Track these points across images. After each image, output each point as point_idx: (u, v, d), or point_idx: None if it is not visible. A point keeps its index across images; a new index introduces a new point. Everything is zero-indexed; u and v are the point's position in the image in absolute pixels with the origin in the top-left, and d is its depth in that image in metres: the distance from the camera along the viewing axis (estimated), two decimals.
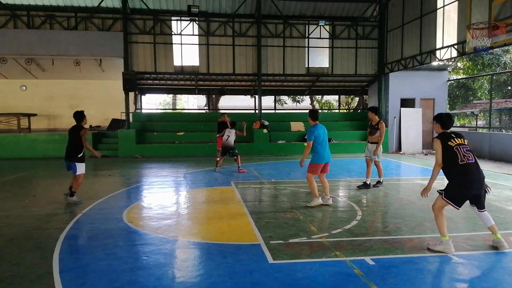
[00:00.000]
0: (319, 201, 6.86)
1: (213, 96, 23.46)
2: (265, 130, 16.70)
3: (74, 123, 7.34)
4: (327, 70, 18.33)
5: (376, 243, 4.85)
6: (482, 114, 20.24)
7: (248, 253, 4.55)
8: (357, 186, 8.58)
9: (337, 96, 23.63)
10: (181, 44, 17.29)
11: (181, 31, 17.09)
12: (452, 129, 4.87)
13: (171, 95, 35.27)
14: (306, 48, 18.03)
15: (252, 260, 4.30)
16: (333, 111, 27.45)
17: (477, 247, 4.72)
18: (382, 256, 4.40)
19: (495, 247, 4.67)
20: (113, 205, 7.10)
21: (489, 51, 15.90)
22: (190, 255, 4.61)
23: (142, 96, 20.62)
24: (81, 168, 7.25)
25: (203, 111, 27.35)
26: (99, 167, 12.05)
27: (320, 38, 18.06)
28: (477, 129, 18.28)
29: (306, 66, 18.13)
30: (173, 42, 17.21)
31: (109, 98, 19.75)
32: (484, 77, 20.49)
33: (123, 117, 18.11)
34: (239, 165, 11.12)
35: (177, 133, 16.91)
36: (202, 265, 4.24)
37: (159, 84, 19.20)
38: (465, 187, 4.48)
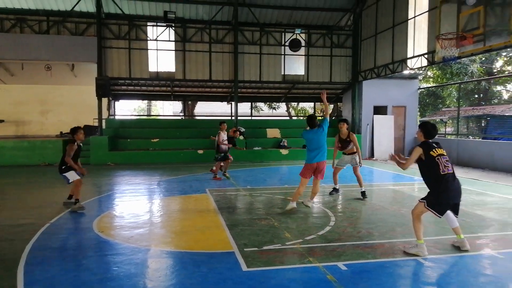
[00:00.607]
0: (293, 205, 6.88)
1: (189, 102, 23.33)
2: (241, 137, 16.69)
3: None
4: (302, 78, 18.57)
5: (349, 249, 4.92)
6: (450, 121, 20.95)
7: (222, 261, 4.51)
8: (329, 193, 8.68)
9: (313, 103, 23.94)
10: (157, 50, 17.13)
11: (157, 36, 16.94)
12: None
13: (146, 101, 34.82)
14: (282, 56, 18.22)
15: (226, 268, 4.27)
16: None
17: (445, 251, 4.85)
18: (354, 261, 4.46)
19: (457, 247, 4.88)
20: (83, 214, 6.90)
21: (457, 60, 16.54)
22: (163, 264, 4.53)
23: (116, 102, 20.24)
24: (71, 175, 7.16)
25: (179, 118, 27.11)
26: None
27: None
28: (446, 136, 18.91)
29: (282, 73, 18.31)
30: (149, 48, 17.03)
31: (81, 104, 19.29)
32: (453, 85, 21.25)
33: (96, 124, 17.71)
34: (216, 172, 11.10)
35: (152, 140, 16.67)
36: (175, 275, 4.18)
37: (134, 90, 18.91)
38: (447, 196, 4.63)
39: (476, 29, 8.95)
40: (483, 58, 22.18)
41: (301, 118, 28.62)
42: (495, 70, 24.11)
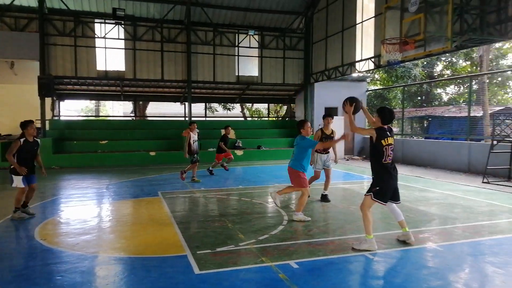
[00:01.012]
0: (304, 216, 6.34)
1: (140, 102, 22.66)
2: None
3: None
4: (256, 79, 18.71)
5: (301, 247, 5.01)
6: (396, 122, 22.09)
7: (174, 265, 4.41)
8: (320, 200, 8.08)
9: (267, 104, 24.20)
10: (105, 48, 16.48)
11: (105, 34, 16.29)
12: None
13: (94, 101, 33.36)
14: (236, 57, 18.24)
15: (178, 272, 4.18)
16: (263, 119, 28.04)
17: (391, 245, 5.09)
18: (306, 259, 4.54)
19: (402, 241, 5.15)
20: (23, 221, 6.45)
21: (401, 64, 17.46)
22: (111, 271, 4.34)
23: (61, 102, 19.17)
24: (17, 180, 6.57)
25: (130, 118, 26.23)
26: (7, 180, 10.90)
27: (249, 47, 18.40)
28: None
29: (236, 74, 18.33)
30: (97, 46, 16.34)
31: (22, 104, 18.10)
32: (397, 88, 22.42)
33: (39, 125, 16.66)
34: (194, 174, 10.96)
35: (100, 142, 15.97)
36: (124, 282, 4.02)
37: (81, 89, 18.04)
38: (387, 183, 4.88)
39: (418, 35, 9.49)
40: (425, 63, 23.62)
41: (256, 119, 28.86)
42: (435, 74, 25.77)
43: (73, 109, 34.24)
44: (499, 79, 23.32)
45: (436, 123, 19.79)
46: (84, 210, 7.41)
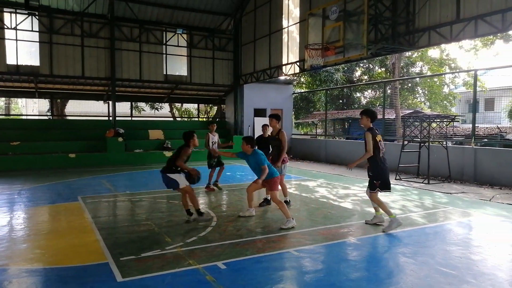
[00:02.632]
0: (293, 222, 6.02)
1: (58, 100, 21.04)
2: (120, 139, 15.73)
3: None
4: (185, 79, 18.41)
5: (229, 247, 5.05)
6: (320, 123, 23.27)
7: (94, 274, 4.18)
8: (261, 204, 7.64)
9: (196, 104, 23.95)
10: (17, 40, 15.00)
11: (16, 25, 14.83)
12: (297, 137, 5.52)
13: (4, 99, 30.19)
14: (164, 55, 17.77)
15: (98, 281, 3.96)
16: (193, 119, 27.70)
17: (315, 241, 5.35)
18: (233, 259, 4.59)
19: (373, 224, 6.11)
20: None
21: (323, 69, 18.41)
22: (22, 285, 3.97)
23: None
24: (181, 179, 6.20)
25: (46, 117, 24.18)
26: None
27: (178, 46, 18.05)
28: (317, 136, 20.91)
29: (164, 73, 17.86)
30: (6, 37, 14.80)
31: None
32: (321, 91, 23.62)
33: None
34: (217, 179, 9.35)
35: (12, 143, 14.49)
36: None
37: None
38: (385, 173, 5.85)
39: (338, 42, 10.12)
40: (345, 68, 25.19)
41: (186, 119, 28.38)
42: (355, 79, 27.61)
43: None
44: (409, 85, 25.74)
45: (356, 124, 21.20)
46: None
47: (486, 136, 14.59)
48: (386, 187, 5.90)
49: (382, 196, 6.54)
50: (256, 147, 6.55)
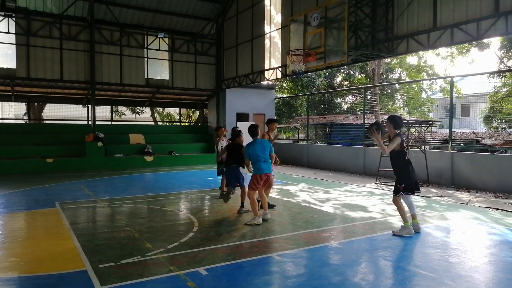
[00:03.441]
0: (260, 220, 6.39)
1: (36, 104, 20.51)
2: (99, 143, 15.44)
3: None
4: (167, 83, 18.27)
5: (210, 253, 5.00)
6: (302, 128, 23.45)
7: (72, 282, 4.07)
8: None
9: (178, 109, 23.78)
10: None
11: None
12: (279, 141, 5.52)
13: None
14: (145, 59, 17.60)
15: None
16: (175, 123, 27.48)
17: (297, 246, 5.36)
18: (215, 265, 4.55)
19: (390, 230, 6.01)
20: None
21: (305, 74, 18.59)
22: None
23: None
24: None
25: (23, 122, 23.52)
26: None
27: (159, 50, 17.92)
28: (299, 141, 21.06)
29: (146, 77, 17.68)
30: None
31: None
32: (303, 96, 23.84)
33: None
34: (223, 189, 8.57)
35: None
36: None
37: None
38: (412, 175, 5.79)
39: (319, 48, 10.24)
40: (327, 74, 25.53)
41: (167, 123, 28.14)
42: (336, 84, 28.00)
43: None
44: (389, 90, 26.26)
45: (337, 129, 21.46)
46: None
47: (463, 141, 15.00)
48: (411, 190, 5.77)
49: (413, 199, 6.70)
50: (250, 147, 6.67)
